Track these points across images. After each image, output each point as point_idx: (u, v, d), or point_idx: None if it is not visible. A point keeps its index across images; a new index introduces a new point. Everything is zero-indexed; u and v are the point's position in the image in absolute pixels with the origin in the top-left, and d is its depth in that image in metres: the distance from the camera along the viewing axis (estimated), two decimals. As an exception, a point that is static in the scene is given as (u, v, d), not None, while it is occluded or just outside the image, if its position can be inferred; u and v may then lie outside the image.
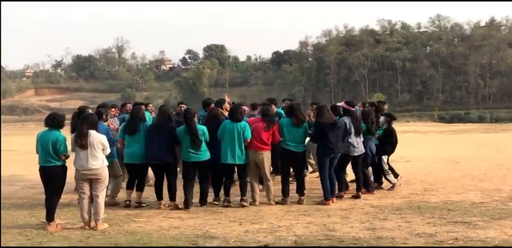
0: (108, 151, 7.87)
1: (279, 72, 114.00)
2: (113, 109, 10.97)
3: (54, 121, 7.69)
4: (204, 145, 9.03)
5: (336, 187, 9.78)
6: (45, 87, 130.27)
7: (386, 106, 11.81)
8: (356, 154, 9.88)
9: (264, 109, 9.73)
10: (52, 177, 7.64)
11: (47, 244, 6.57)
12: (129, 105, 12.02)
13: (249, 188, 9.44)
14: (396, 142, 11.14)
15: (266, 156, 9.44)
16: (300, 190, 9.63)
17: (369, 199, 9.76)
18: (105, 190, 7.96)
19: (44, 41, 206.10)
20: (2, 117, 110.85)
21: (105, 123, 9.44)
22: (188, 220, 8.07)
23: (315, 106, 10.66)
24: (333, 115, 9.54)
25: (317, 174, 10.92)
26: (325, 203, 9.29)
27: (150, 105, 13.15)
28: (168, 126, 9.09)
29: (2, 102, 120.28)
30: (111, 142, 8.67)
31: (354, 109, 10.00)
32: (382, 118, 11.14)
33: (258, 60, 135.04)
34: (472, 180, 12.38)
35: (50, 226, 7.51)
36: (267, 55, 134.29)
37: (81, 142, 7.55)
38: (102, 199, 7.76)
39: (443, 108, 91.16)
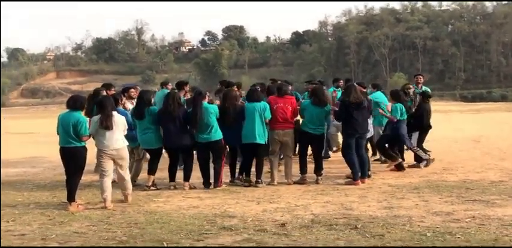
0: (125, 132, 8.10)
1: (298, 52, 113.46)
2: (133, 90, 10.89)
3: (76, 103, 7.83)
4: (214, 125, 9.03)
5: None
6: (66, 69, 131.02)
7: (411, 89, 11.72)
8: (370, 135, 9.88)
9: (279, 85, 9.87)
10: (73, 158, 7.77)
11: (68, 224, 6.69)
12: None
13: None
14: (425, 122, 11.17)
15: (290, 135, 9.49)
16: (318, 170, 9.66)
17: (387, 178, 9.77)
18: (128, 167, 8.27)
19: (64, 23, 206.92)
20: (24, 100, 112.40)
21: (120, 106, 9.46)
22: (207, 200, 8.16)
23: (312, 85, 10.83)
24: (361, 95, 9.47)
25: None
26: (354, 183, 9.26)
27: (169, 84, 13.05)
28: (179, 110, 9.08)
29: (24, 85, 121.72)
30: (132, 125, 8.86)
31: (364, 90, 10.00)
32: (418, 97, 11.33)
33: (277, 40, 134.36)
34: (491, 158, 12.31)
35: (71, 206, 7.64)
36: (286, 35, 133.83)
37: (107, 124, 7.75)
38: (128, 175, 8.21)
39: (465, 87, 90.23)
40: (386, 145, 10.72)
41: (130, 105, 10.04)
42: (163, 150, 9.51)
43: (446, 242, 5.47)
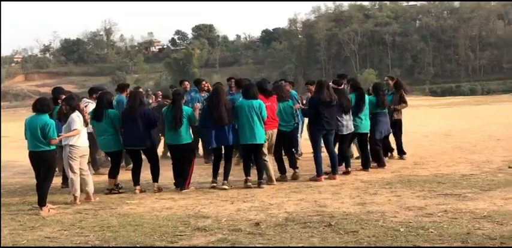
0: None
1: (269, 50, 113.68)
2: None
3: (43, 106, 7.75)
4: (184, 128, 8.87)
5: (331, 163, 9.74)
6: (34, 72, 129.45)
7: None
8: (345, 132, 9.88)
9: (261, 83, 9.69)
10: (43, 162, 7.70)
11: (39, 228, 6.59)
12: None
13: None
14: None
15: (275, 134, 9.44)
16: (293, 163, 9.74)
17: (359, 175, 9.82)
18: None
19: (31, 25, 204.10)
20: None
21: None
22: (180, 201, 8.10)
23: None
24: (333, 92, 9.49)
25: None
26: (317, 179, 9.34)
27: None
28: (141, 110, 8.90)
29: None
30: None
31: (342, 87, 9.99)
32: None
33: (248, 38, 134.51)
34: (462, 152, 12.45)
35: (43, 210, 7.55)
36: (256, 34, 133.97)
37: (86, 121, 8.28)
38: (89, 172, 8.60)
39: (435, 82, 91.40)
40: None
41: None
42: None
43: (419, 237, 5.50)
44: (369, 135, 10.49)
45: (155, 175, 9.08)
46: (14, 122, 39.97)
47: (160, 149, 12.68)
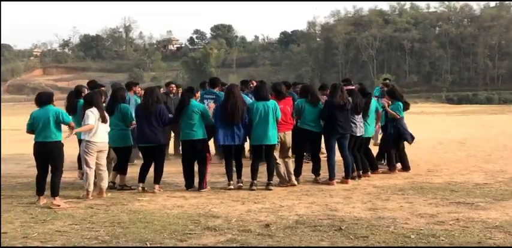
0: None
1: (286, 52, 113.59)
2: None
3: (49, 98, 8.04)
4: (196, 123, 8.85)
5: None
6: (52, 66, 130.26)
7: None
8: (358, 134, 9.86)
9: (276, 85, 9.67)
10: (53, 152, 7.81)
11: (50, 222, 6.63)
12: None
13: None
14: None
15: (290, 136, 9.37)
16: (316, 170, 9.65)
17: (372, 180, 9.78)
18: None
19: (51, 19, 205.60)
20: (10, 96, 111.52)
21: None
22: (191, 199, 8.12)
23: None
24: (347, 96, 9.49)
25: None
26: (329, 183, 9.30)
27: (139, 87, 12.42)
28: (157, 107, 8.84)
29: (10, 81, 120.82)
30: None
31: (353, 87, 10.00)
32: None
33: (266, 40, 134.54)
34: (476, 161, 12.37)
35: (56, 200, 7.67)
36: (274, 35, 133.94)
37: (104, 117, 8.33)
38: (106, 168, 8.60)
39: (452, 90, 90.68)
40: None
41: None
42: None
43: (430, 245, 5.47)
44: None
45: (158, 176, 8.92)
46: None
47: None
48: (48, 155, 7.81)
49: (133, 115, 9.08)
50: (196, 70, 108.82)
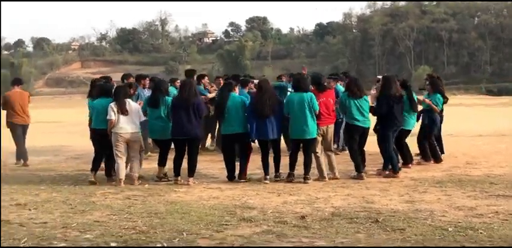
0: (143, 118, 9.01)
1: (322, 44, 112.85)
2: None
3: (106, 91, 9.09)
4: (241, 117, 8.90)
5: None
6: (90, 59, 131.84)
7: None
8: (406, 127, 9.82)
9: (316, 76, 9.54)
10: (105, 137, 8.79)
11: (89, 212, 6.74)
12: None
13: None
14: None
15: (332, 129, 9.30)
16: (363, 164, 9.48)
17: (409, 172, 9.65)
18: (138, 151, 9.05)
19: (88, 13, 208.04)
20: (49, 89, 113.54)
21: None
22: (227, 191, 8.16)
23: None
24: (400, 88, 9.40)
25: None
26: (394, 176, 9.15)
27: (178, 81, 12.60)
28: (193, 100, 8.81)
29: (49, 74, 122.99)
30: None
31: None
32: None
33: (301, 32, 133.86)
34: (516, 153, 12.12)
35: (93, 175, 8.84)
36: (310, 27, 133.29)
37: (123, 109, 8.64)
38: (138, 157, 8.98)
39: (491, 81, 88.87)
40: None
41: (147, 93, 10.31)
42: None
43: (468, 237, 5.39)
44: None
45: (191, 169, 8.93)
46: (69, 108, 41.04)
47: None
48: (102, 139, 8.93)
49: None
50: (232, 63, 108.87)
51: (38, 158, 12.45)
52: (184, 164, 9.03)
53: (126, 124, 8.68)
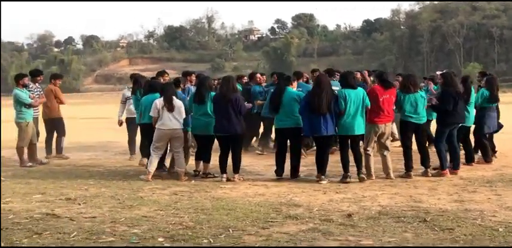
0: (184, 115, 9.04)
1: (369, 41, 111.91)
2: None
3: (154, 87, 9.40)
4: (294, 112, 8.82)
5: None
6: (138, 57, 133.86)
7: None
8: (467, 124, 9.73)
9: (381, 73, 9.48)
10: (152, 130, 9.09)
11: (136, 208, 6.82)
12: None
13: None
14: None
15: (390, 127, 9.23)
16: (426, 161, 9.21)
17: (459, 171, 9.46)
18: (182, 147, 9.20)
19: (136, 11, 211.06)
20: (98, 86, 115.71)
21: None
22: (273, 188, 8.16)
23: (400, 77, 10.43)
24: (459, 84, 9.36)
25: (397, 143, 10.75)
26: (442, 173, 9.01)
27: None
28: (233, 96, 8.76)
29: (98, 71, 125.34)
30: (186, 110, 9.18)
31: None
32: None
33: (348, 28, 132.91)
34: None
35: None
36: (357, 24, 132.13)
37: (169, 106, 8.79)
38: (182, 153, 9.14)
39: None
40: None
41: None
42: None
43: (519, 239, 5.26)
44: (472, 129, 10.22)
45: (236, 165, 8.92)
46: (117, 105, 41.61)
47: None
48: (150, 132, 9.24)
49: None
50: (277, 60, 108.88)
51: (86, 153, 12.70)
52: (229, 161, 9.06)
53: (169, 121, 8.85)
